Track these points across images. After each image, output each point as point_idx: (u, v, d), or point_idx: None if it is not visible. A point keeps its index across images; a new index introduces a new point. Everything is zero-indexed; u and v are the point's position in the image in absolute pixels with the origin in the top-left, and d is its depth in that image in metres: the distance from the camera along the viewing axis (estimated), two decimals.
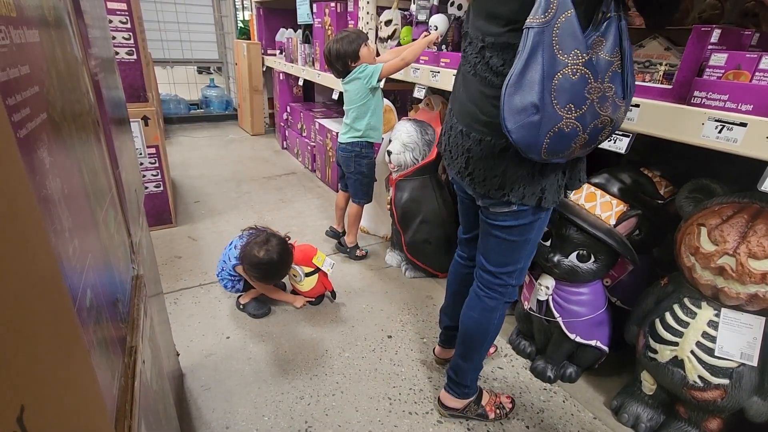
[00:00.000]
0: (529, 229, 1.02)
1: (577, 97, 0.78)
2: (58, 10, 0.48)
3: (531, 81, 0.77)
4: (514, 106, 0.79)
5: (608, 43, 0.78)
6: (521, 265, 1.08)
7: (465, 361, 1.21)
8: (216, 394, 1.32)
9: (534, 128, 0.79)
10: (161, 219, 2.33)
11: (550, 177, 0.94)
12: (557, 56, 0.76)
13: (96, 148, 0.58)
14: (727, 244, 1.01)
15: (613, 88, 0.80)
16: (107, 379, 0.42)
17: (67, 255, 0.36)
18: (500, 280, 1.10)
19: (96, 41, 0.72)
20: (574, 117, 0.79)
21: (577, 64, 0.76)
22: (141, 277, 0.73)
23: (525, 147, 0.82)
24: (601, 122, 0.82)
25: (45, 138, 0.36)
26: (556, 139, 0.80)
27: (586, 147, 0.86)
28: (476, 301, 1.15)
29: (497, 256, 1.08)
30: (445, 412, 1.28)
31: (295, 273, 1.69)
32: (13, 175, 0.25)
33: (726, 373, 1.06)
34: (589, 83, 0.78)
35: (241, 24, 4.67)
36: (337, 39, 1.84)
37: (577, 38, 0.75)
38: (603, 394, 1.40)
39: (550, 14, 0.74)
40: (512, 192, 0.94)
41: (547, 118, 0.78)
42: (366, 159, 2.00)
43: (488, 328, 1.16)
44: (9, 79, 0.30)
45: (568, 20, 0.74)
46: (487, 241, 1.08)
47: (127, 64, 1.94)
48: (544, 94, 0.77)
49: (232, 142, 4.18)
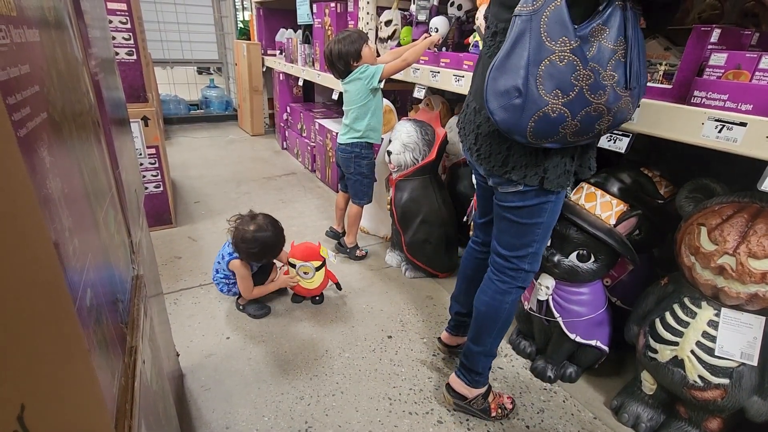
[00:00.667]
0: (537, 212, 1.03)
1: (564, 83, 0.80)
2: (59, 10, 0.48)
3: (516, 66, 0.81)
4: (497, 88, 0.84)
5: (612, 32, 0.79)
6: (533, 249, 1.09)
7: (477, 345, 1.21)
8: (216, 394, 1.32)
9: (517, 111, 0.83)
10: (161, 219, 2.33)
11: (554, 159, 0.95)
12: (545, 43, 0.79)
13: (96, 148, 0.58)
14: (728, 244, 1.01)
15: (615, 77, 0.81)
16: (107, 379, 0.42)
17: (67, 255, 0.36)
18: (512, 264, 1.12)
19: (96, 41, 0.72)
20: (561, 103, 0.81)
21: (564, 51, 0.79)
22: (141, 277, 0.73)
23: (506, 129, 0.87)
24: (595, 110, 0.82)
25: (45, 137, 0.36)
26: (542, 124, 0.83)
27: (580, 135, 0.86)
28: (489, 284, 1.17)
29: (508, 239, 1.10)
30: (451, 398, 1.28)
31: (307, 270, 1.69)
32: (14, 174, 0.25)
33: (726, 372, 1.06)
34: (577, 70, 0.79)
35: (241, 24, 4.67)
36: (338, 39, 1.84)
37: (566, 26, 0.78)
38: (603, 394, 1.40)
39: (539, 3, 0.78)
40: (514, 170, 0.97)
41: (530, 102, 0.81)
42: (366, 160, 2.00)
43: (499, 312, 1.16)
44: (9, 79, 0.30)
45: (558, 9, 0.77)
46: (499, 223, 1.11)
47: (127, 64, 1.94)
48: (529, 79, 0.80)
49: (232, 142, 4.18)
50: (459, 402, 1.27)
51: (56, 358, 0.26)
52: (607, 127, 0.87)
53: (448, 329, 1.48)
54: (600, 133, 0.89)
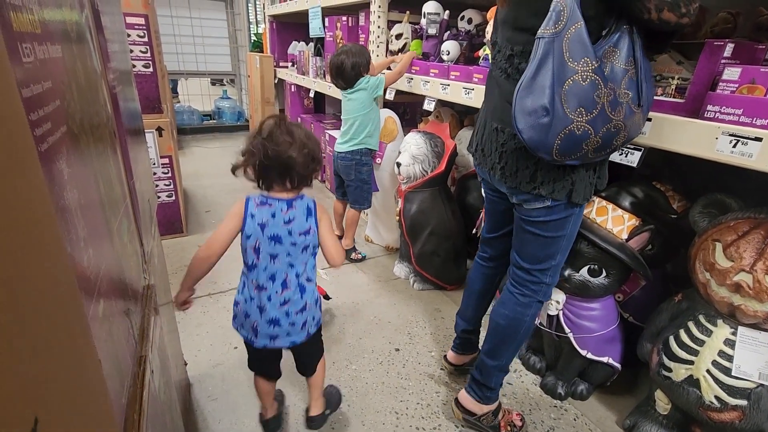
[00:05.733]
0: (563, 224, 1.04)
1: (587, 101, 0.83)
2: (80, 25, 0.50)
3: (541, 85, 0.83)
4: (525, 107, 0.86)
5: (622, 53, 0.84)
6: (556, 261, 1.09)
7: (493, 359, 1.19)
8: (222, 404, 1.32)
9: (544, 129, 0.85)
10: (172, 228, 2.35)
11: (581, 172, 0.98)
12: (567, 63, 0.82)
13: (112, 159, 0.60)
14: (744, 261, 0.99)
15: (629, 95, 0.86)
16: (117, 389, 0.42)
17: (81, 264, 0.37)
18: (534, 277, 1.11)
19: (115, 55, 0.74)
20: (585, 120, 0.84)
21: (587, 71, 0.82)
22: (152, 286, 0.73)
23: (534, 146, 0.88)
24: (614, 126, 0.86)
25: (64, 150, 0.37)
26: (568, 141, 0.85)
27: (600, 151, 0.90)
28: (509, 298, 1.16)
29: (532, 251, 1.09)
30: (461, 414, 1.26)
31: None
32: (34, 187, 0.25)
33: (744, 393, 1.03)
34: (599, 88, 0.83)
35: (254, 37, 4.76)
36: (345, 52, 1.93)
37: (586, 47, 0.81)
38: (615, 412, 1.37)
39: (560, 25, 0.81)
40: (542, 185, 0.99)
41: (557, 121, 0.84)
42: (366, 166, 2.07)
43: (519, 325, 1.15)
44: (32, 95, 0.31)
45: (578, 31, 0.81)
46: (522, 237, 1.10)
47: (144, 76, 1.99)
48: (554, 98, 0.83)
49: None
50: (468, 417, 1.25)
51: (69, 370, 0.27)
52: (622, 142, 0.91)
53: (454, 348, 1.46)
54: (615, 148, 0.92)
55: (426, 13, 1.97)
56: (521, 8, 0.95)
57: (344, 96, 2.02)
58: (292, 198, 1.02)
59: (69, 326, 0.28)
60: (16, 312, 0.21)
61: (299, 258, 1.03)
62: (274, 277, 1.02)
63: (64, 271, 0.29)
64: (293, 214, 1.01)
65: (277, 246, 1.00)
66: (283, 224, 1.00)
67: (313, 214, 1.04)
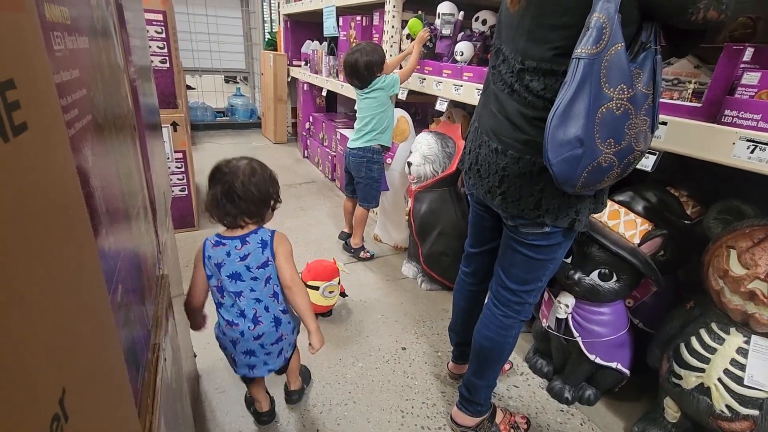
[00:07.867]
0: (557, 249, 1.01)
1: (618, 132, 0.77)
2: (105, 19, 0.51)
3: (577, 114, 0.76)
4: (559, 138, 0.77)
5: (644, 76, 0.77)
6: (542, 283, 1.07)
7: (479, 379, 1.19)
8: (230, 397, 1.33)
9: (575, 162, 0.78)
10: (184, 222, 2.39)
11: (586, 200, 0.94)
12: (603, 90, 0.74)
13: (131, 151, 0.61)
14: (759, 268, 0.97)
15: (647, 122, 0.80)
16: (132, 373, 0.44)
17: (103, 250, 0.38)
18: (519, 298, 1.09)
19: (136, 50, 0.75)
20: (613, 152, 0.78)
21: (621, 99, 0.75)
22: (166, 277, 0.75)
23: (563, 180, 0.81)
24: (635, 157, 0.82)
25: (89, 138, 0.38)
26: (593, 174, 0.79)
27: (614, 180, 0.85)
28: (491, 319, 1.13)
29: (520, 273, 1.06)
30: (457, 429, 1.26)
31: (332, 288, 1.65)
32: (65, 171, 0.26)
33: (756, 403, 1.01)
34: (630, 119, 0.77)
35: (268, 36, 4.80)
36: (359, 50, 1.93)
37: (625, 72, 0.74)
38: (623, 419, 1.35)
39: (601, 46, 0.73)
40: (547, 213, 0.93)
41: (589, 152, 0.77)
42: (377, 164, 2.08)
43: (504, 347, 1.14)
44: (62, 82, 0.32)
45: (618, 54, 0.73)
46: (512, 257, 1.05)
47: (160, 71, 2.02)
48: (588, 128, 0.76)
49: (255, 149, 4.27)
50: (466, 431, 1.25)
51: (93, 346, 0.28)
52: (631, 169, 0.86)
53: (454, 359, 1.46)
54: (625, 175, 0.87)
55: (441, 14, 1.97)
56: (542, 14, 0.83)
57: (359, 95, 2.04)
58: (245, 234, 1.04)
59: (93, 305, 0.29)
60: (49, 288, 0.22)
61: (264, 291, 1.05)
62: (243, 313, 1.04)
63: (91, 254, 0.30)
64: (248, 249, 1.02)
65: (238, 283, 1.02)
66: (239, 261, 1.02)
67: (269, 245, 1.04)
